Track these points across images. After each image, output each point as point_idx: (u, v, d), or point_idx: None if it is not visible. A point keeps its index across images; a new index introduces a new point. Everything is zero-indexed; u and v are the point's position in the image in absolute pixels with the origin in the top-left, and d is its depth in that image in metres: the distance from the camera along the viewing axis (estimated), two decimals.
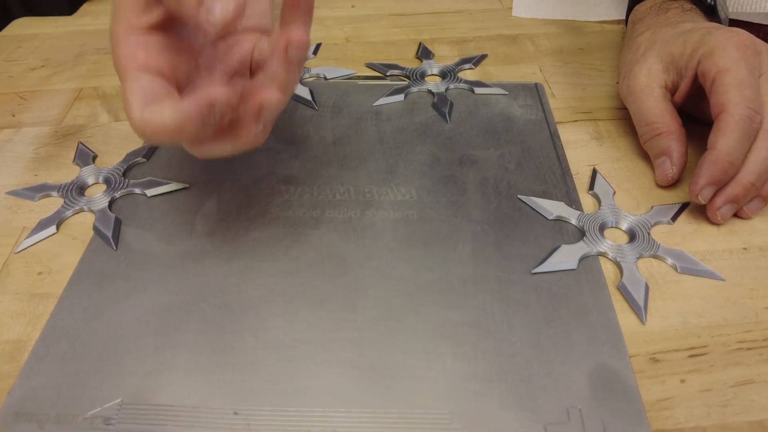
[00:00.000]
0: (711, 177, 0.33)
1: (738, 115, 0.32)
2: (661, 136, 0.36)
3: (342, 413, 0.26)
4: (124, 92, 0.26)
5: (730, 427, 0.25)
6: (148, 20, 0.27)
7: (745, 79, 0.33)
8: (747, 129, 0.32)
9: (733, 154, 0.32)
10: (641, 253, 0.32)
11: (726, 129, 0.32)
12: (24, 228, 0.36)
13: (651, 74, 0.37)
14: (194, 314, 0.30)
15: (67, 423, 0.26)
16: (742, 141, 0.32)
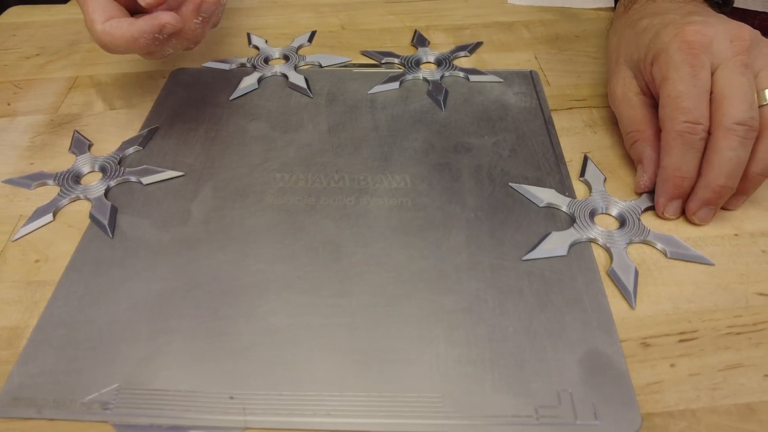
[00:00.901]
0: (667, 194, 0.33)
1: (675, 132, 0.32)
2: (637, 143, 0.36)
3: (336, 397, 0.26)
4: (86, 13, 0.34)
5: (719, 410, 0.26)
6: None
7: (682, 89, 0.32)
8: (688, 141, 0.32)
9: (681, 169, 0.32)
10: (631, 238, 0.32)
11: (666, 146, 0.32)
12: (20, 216, 0.36)
13: (626, 83, 0.37)
14: (189, 300, 0.30)
15: (66, 408, 0.27)
16: (685, 154, 0.32)
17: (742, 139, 0.31)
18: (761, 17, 0.48)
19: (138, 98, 0.45)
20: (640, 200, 0.35)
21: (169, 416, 0.26)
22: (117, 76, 0.47)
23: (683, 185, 0.33)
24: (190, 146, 0.40)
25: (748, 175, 0.32)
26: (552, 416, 0.25)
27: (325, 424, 0.26)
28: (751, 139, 0.31)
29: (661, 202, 0.33)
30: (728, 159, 0.31)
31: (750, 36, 0.33)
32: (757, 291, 0.30)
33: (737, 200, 0.34)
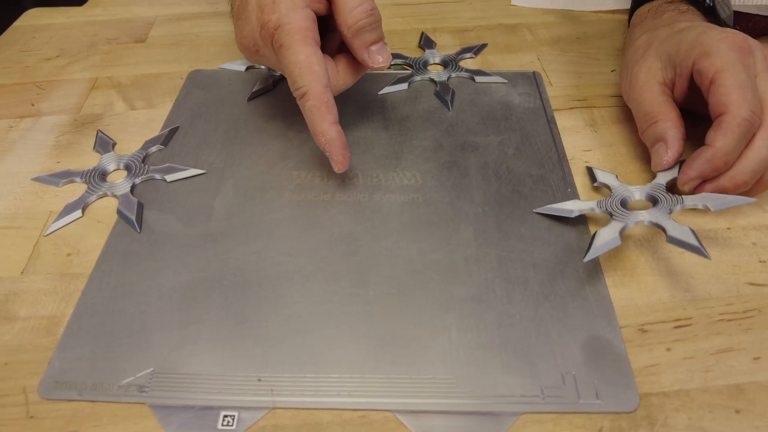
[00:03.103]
0: (703, 172, 0.34)
1: (741, 118, 0.32)
2: (657, 123, 0.36)
3: (357, 378, 0.28)
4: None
5: (711, 390, 0.28)
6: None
7: (744, 80, 0.33)
8: (747, 132, 0.33)
9: (730, 155, 0.33)
10: (671, 208, 0.34)
11: (727, 130, 0.33)
12: (50, 212, 0.38)
13: (650, 72, 0.38)
14: (216, 291, 0.32)
15: (104, 390, 0.29)
16: (740, 143, 0.33)
17: None
18: (755, 20, 0.50)
19: (158, 99, 0.47)
20: (655, 182, 0.36)
21: (202, 398, 0.28)
22: (136, 78, 0.49)
23: (721, 170, 0.33)
24: (211, 145, 0.42)
25: (764, 177, 0.34)
26: (557, 396, 0.27)
27: (347, 403, 0.28)
28: None
29: (691, 174, 0.34)
30: (761, 158, 0.33)
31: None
32: (748, 281, 0.32)
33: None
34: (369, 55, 0.36)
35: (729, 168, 0.34)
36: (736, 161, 0.34)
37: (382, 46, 0.37)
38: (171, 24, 0.57)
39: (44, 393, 0.29)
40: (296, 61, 0.34)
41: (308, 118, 0.35)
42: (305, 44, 0.34)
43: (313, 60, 0.34)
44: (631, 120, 0.43)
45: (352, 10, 0.35)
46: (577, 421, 0.27)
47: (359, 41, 0.36)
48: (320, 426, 0.27)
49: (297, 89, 0.35)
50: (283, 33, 0.34)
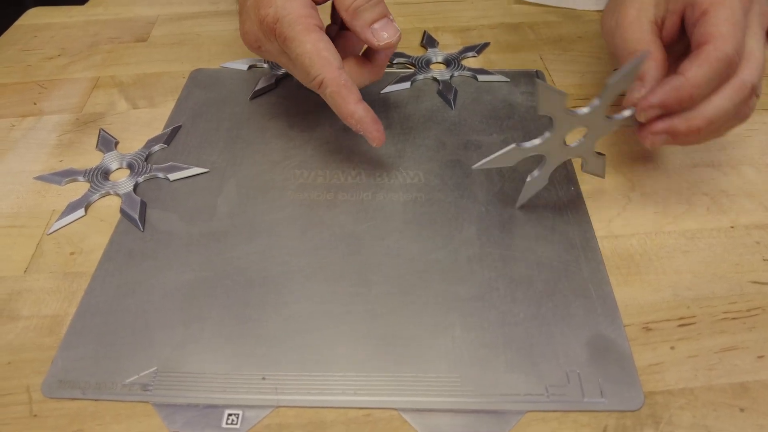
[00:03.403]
0: (665, 100, 0.30)
1: (723, 52, 0.30)
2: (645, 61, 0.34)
3: (361, 377, 0.28)
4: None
5: (715, 389, 0.28)
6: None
7: (738, 18, 0.31)
8: (724, 70, 0.30)
9: (700, 88, 0.30)
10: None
11: (705, 60, 0.30)
12: (53, 211, 0.38)
13: (642, 9, 0.35)
14: (220, 290, 0.32)
15: (108, 389, 0.29)
16: (713, 79, 0.30)
17: (742, 101, 0.31)
18: None
19: (160, 97, 0.47)
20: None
21: (206, 396, 0.28)
22: (138, 77, 0.49)
23: (685, 104, 0.31)
24: (213, 144, 0.41)
25: (715, 130, 0.32)
26: (561, 394, 0.27)
27: (352, 402, 0.28)
28: (746, 105, 0.32)
29: (651, 100, 0.31)
30: (723, 110, 0.31)
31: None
32: (751, 279, 0.32)
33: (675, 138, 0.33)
34: (373, 34, 0.35)
35: (693, 104, 0.31)
36: (699, 105, 0.31)
37: (386, 22, 0.35)
38: (172, 23, 0.57)
39: (48, 392, 0.29)
40: (304, 52, 0.34)
41: (332, 104, 0.35)
42: (309, 32, 0.34)
43: (320, 46, 0.34)
44: None
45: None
46: (582, 419, 0.27)
47: (360, 22, 0.35)
48: (325, 424, 0.27)
49: (312, 80, 0.34)
50: (284, 25, 0.34)
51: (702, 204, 0.37)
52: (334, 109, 0.35)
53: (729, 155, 0.40)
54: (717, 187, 0.38)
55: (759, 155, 0.40)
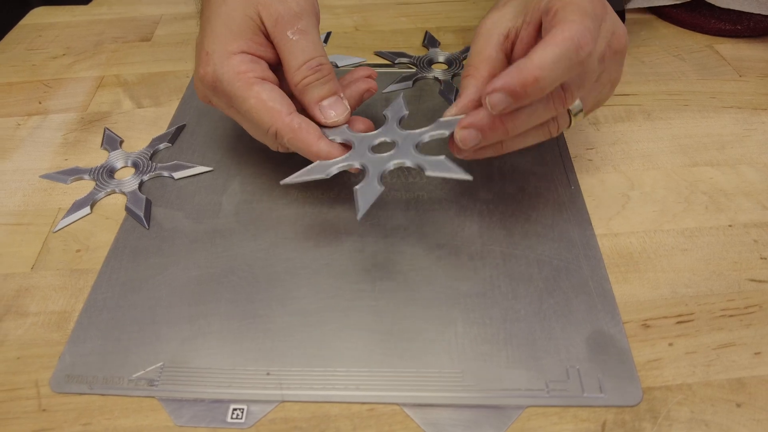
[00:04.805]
0: (508, 84, 0.28)
1: (568, 32, 0.27)
2: (467, 78, 0.33)
3: (364, 372, 0.29)
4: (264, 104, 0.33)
5: (713, 384, 0.28)
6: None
7: (589, 11, 0.29)
8: (573, 53, 0.27)
9: (545, 70, 0.27)
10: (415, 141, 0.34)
11: (549, 42, 0.27)
12: (59, 209, 0.38)
13: (499, 20, 0.34)
14: (225, 286, 0.33)
15: (115, 384, 0.29)
16: (560, 62, 0.27)
17: (572, 66, 0.28)
18: (756, 19, 0.50)
19: (164, 97, 0.47)
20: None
21: (212, 391, 0.29)
22: (142, 76, 0.50)
23: (529, 89, 0.28)
24: (218, 143, 0.42)
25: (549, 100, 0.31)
26: (561, 389, 0.28)
27: (355, 397, 0.28)
28: (555, 117, 0.32)
29: (495, 85, 0.28)
30: (561, 66, 0.28)
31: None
32: (749, 277, 0.33)
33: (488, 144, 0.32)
34: (321, 111, 0.34)
35: (540, 91, 0.28)
36: (534, 52, 0.28)
37: (335, 100, 0.34)
38: (176, 23, 0.57)
39: (56, 387, 0.29)
40: (250, 108, 0.33)
41: (294, 149, 0.34)
42: (250, 87, 0.33)
43: (263, 98, 0.32)
44: (632, 119, 0.44)
45: (298, 68, 0.33)
46: (582, 414, 0.27)
47: (308, 98, 0.34)
48: (328, 419, 0.28)
49: (266, 132, 0.33)
50: (224, 84, 0.33)
51: (701, 203, 0.37)
52: (300, 153, 0.34)
53: (727, 155, 0.40)
54: (716, 186, 0.38)
55: (757, 154, 0.40)
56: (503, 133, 0.31)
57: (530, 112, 0.30)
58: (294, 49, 0.33)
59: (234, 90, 0.33)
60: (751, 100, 0.45)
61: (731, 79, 0.47)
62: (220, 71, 0.33)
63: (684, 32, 0.53)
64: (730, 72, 0.48)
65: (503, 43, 0.34)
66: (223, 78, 0.33)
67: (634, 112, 0.44)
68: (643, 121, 0.43)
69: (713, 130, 0.42)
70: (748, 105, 0.45)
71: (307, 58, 0.33)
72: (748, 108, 0.44)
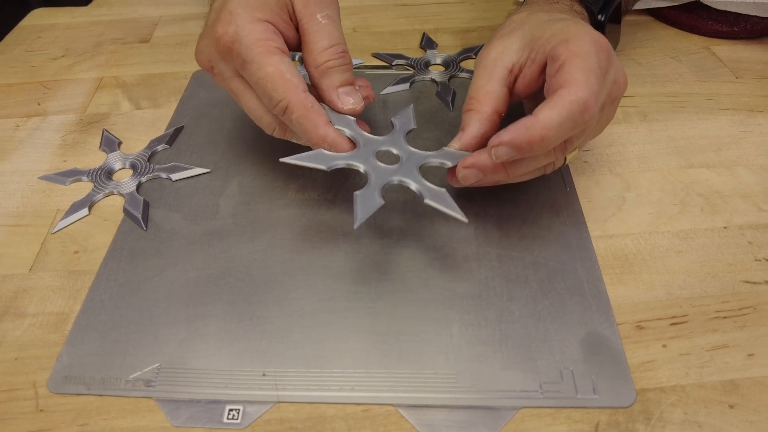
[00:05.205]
0: (515, 138, 0.29)
1: (575, 95, 0.29)
2: (470, 112, 0.34)
3: (360, 373, 0.29)
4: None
5: (706, 386, 0.28)
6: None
7: (594, 68, 0.30)
8: (577, 113, 0.29)
9: (551, 130, 0.28)
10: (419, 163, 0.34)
11: (556, 103, 0.29)
12: (58, 210, 0.38)
13: (503, 53, 0.34)
14: (222, 287, 0.33)
15: (112, 385, 0.29)
16: (566, 123, 0.29)
17: (575, 125, 0.29)
18: (753, 21, 0.51)
19: (163, 98, 0.47)
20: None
21: (208, 392, 0.29)
22: (141, 77, 0.50)
23: (535, 147, 0.29)
24: (216, 144, 0.42)
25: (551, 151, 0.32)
26: (555, 391, 0.28)
27: (350, 398, 0.28)
28: (558, 155, 0.33)
29: (502, 139, 0.29)
30: (567, 124, 0.29)
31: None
32: (743, 279, 0.33)
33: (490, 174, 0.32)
34: (338, 97, 0.34)
35: (544, 148, 0.29)
36: (541, 111, 0.29)
37: (353, 89, 0.34)
38: (175, 24, 0.57)
39: (53, 387, 0.29)
40: (265, 75, 0.32)
41: (300, 129, 0.33)
42: (270, 54, 0.32)
43: (282, 69, 0.32)
44: (629, 121, 0.44)
45: (323, 50, 0.33)
46: (575, 415, 0.28)
47: (327, 81, 0.34)
48: (324, 419, 0.28)
49: (276, 105, 0.32)
50: (243, 47, 0.32)
51: (696, 204, 0.37)
52: (303, 135, 0.33)
53: (723, 156, 0.40)
54: (711, 188, 0.38)
55: (753, 156, 0.40)
56: (504, 177, 0.32)
57: (532, 160, 0.32)
58: (322, 31, 0.34)
59: (253, 55, 0.32)
60: (748, 102, 0.45)
61: (728, 81, 0.47)
62: (243, 33, 0.32)
63: (681, 34, 0.53)
64: (727, 74, 0.48)
65: (507, 77, 0.34)
66: (243, 40, 0.32)
67: (630, 114, 0.44)
68: (639, 123, 0.44)
69: (709, 132, 0.43)
70: (745, 107, 0.45)
71: (333, 43, 0.34)
72: (744, 110, 0.44)
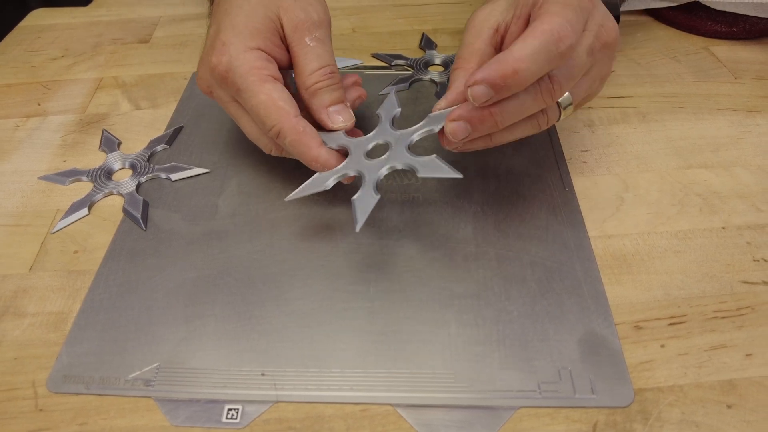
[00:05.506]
0: (489, 76, 0.28)
1: (548, 24, 0.28)
2: (457, 71, 0.34)
3: (358, 373, 0.29)
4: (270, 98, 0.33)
5: (704, 386, 0.29)
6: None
7: (574, 4, 0.29)
8: (552, 44, 0.28)
9: (524, 62, 0.28)
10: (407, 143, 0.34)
11: (529, 35, 0.28)
12: (57, 210, 0.38)
13: (490, 14, 0.34)
14: (221, 287, 0.33)
15: (111, 384, 0.29)
16: (539, 54, 0.28)
17: (552, 59, 0.29)
18: (752, 21, 0.51)
19: (162, 98, 0.47)
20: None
21: (207, 392, 0.29)
22: (141, 78, 0.50)
23: (509, 81, 0.28)
24: (215, 145, 0.42)
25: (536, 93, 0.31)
26: (553, 391, 0.28)
27: (349, 397, 0.28)
28: (545, 104, 0.31)
29: (477, 77, 0.28)
30: (544, 56, 0.28)
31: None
32: (741, 279, 0.33)
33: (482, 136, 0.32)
34: (328, 116, 0.35)
35: (520, 83, 0.28)
36: (515, 44, 0.28)
37: (343, 107, 0.35)
38: (175, 24, 0.57)
39: (53, 387, 0.29)
40: (258, 103, 0.33)
41: (294, 152, 0.34)
42: (262, 83, 0.33)
43: (274, 96, 0.33)
44: (627, 121, 0.44)
45: (312, 72, 0.34)
46: (573, 415, 0.28)
47: (317, 102, 0.35)
48: (322, 419, 0.28)
49: (269, 130, 0.33)
50: (237, 76, 0.33)
51: (694, 205, 0.37)
52: (297, 157, 0.34)
53: (721, 157, 0.41)
54: (709, 189, 0.38)
55: (751, 157, 0.40)
56: (492, 125, 0.31)
57: (519, 104, 0.31)
58: (310, 54, 0.35)
59: (246, 84, 0.33)
60: (746, 103, 0.45)
61: (727, 81, 0.47)
62: (236, 63, 0.33)
63: (680, 34, 0.53)
64: (726, 74, 0.48)
65: (493, 36, 0.34)
66: (237, 70, 0.33)
67: (629, 114, 0.44)
68: (638, 123, 0.44)
69: (708, 133, 0.43)
70: (743, 107, 0.45)
71: (321, 65, 0.35)
72: (743, 110, 0.44)
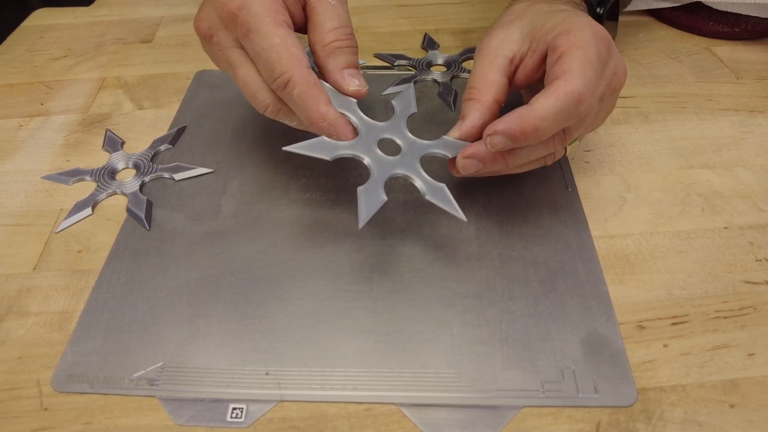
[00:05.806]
0: (509, 128, 0.29)
1: (571, 86, 0.29)
2: (471, 101, 0.33)
3: (362, 372, 0.29)
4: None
5: (706, 385, 0.29)
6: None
7: (593, 60, 0.30)
8: (573, 105, 0.29)
9: (545, 121, 0.29)
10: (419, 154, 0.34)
11: (552, 94, 0.29)
12: (61, 210, 0.39)
13: (504, 42, 0.34)
14: (224, 287, 0.33)
15: (116, 384, 0.29)
16: (560, 114, 0.29)
17: (569, 116, 0.30)
18: (754, 21, 0.51)
19: (165, 98, 0.48)
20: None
21: (211, 391, 0.29)
22: (143, 77, 0.50)
23: (529, 136, 0.29)
24: (218, 144, 0.42)
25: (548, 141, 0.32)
26: (556, 390, 0.28)
27: (352, 397, 0.28)
28: (559, 142, 0.32)
29: (496, 128, 0.30)
30: (561, 115, 0.29)
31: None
32: (744, 279, 0.33)
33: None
34: (343, 78, 0.33)
35: (538, 138, 0.30)
36: (536, 101, 0.29)
37: (358, 72, 0.34)
38: (177, 24, 0.57)
39: (57, 386, 0.29)
40: (270, 45, 0.30)
41: (300, 105, 0.32)
42: (277, 26, 0.31)
43: (288, 42, 0.31)
44: (630, 122, 0.44)
45: (331, 30, 0.33)
46: (576, 414, 0.28)
47: (334, 62, 0.33)
48: (326, 418, 0.28)
49: (278, 77, 0.31)
50: (249, 14, 0.31)
51: (696, 205, 0.37)
52: (302, 111, 0.32)
53: (723, 157, 0.41)
54: (711, 189, 0.38)
55: (753, 157, 0.41)
56: (503, 167, 0.33)
57: (530, 150, 0.32)
58: (331, 12, 0.33)
59: (260, 24, 0.31)
60: (748, 103, 0.45)
61: (728, 82, 0.48)
62: (251, 1, 0.31)
63: (682, 34, 0.53)
64: (728, 74, 0.48)
65: (507, 67, 0.34)
66: (252, 8, 0.31)
67: (631, 115, 0.45)
68: (640, 124, 0.44)
69: (710, 133, 0.43)
70: (745, 107, 0.45)
71: (342, 24, 0.33)
72: (744, 110, 0.45)
